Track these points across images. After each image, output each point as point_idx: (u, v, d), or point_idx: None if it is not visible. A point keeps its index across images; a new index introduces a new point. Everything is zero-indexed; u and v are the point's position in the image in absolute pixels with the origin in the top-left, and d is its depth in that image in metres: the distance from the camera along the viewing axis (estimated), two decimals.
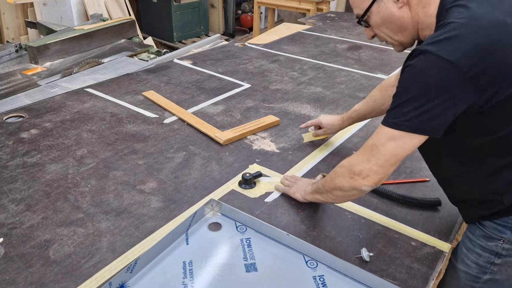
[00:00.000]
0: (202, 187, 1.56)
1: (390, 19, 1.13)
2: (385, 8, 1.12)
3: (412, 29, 1.14)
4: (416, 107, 1.00)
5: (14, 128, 1.95)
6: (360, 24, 1.21)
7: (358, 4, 1.17)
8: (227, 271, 1.18)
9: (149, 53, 3.69)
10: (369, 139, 1.13)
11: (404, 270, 1.21)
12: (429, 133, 1.03)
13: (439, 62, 0.96)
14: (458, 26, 0.97)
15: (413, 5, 1.10)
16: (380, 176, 1.11)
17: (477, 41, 0.95)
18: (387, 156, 1.08)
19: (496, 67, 0.96)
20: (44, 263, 1.19)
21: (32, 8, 5.40)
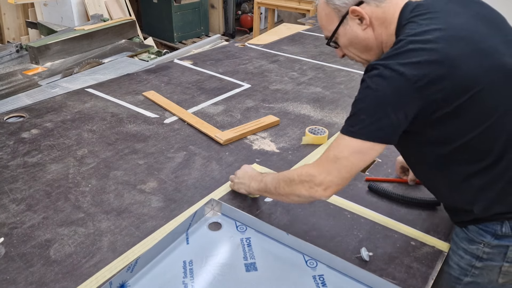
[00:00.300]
0: (202, 186, 1.56)
1: (356, 40, 1.20)
2: (351, 30, 1.19)
3: (377, 49, 1.21)
4: (369, 115, 1.05)
5: (15, 128, 1.95)
6: (330, 45, 1.28)
7: (326, 26, 1.24)
8: (227, 271, 1.18)
9: (150, 53, 3.70)
10: (329, 149, 1.13)
11: (403, 269, 1.21)
12: (385, 140, 1.07)
13: (390, 74, 1.02)
14: (408, 42, 1.04)
15: (376, 27, 1.17)
16: (339, 186, 1.13)
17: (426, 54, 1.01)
18: (348, 167, 1.10)
19: (445, 78, 1.00)
20: (45, 262, 1.20)
21: (32, 8, 5.41)
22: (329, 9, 1.21)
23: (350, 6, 1.16)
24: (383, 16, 1.16)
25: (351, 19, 1.18)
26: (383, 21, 1.16)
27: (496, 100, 1.05)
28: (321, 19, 1.25)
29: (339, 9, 1.18)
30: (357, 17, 1.16)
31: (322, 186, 1.12)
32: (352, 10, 1.16)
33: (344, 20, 1.19)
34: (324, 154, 1.14)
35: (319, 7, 1.25)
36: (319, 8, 1.25)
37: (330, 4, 1.19)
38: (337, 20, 1.20)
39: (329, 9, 1.21)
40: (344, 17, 1.19)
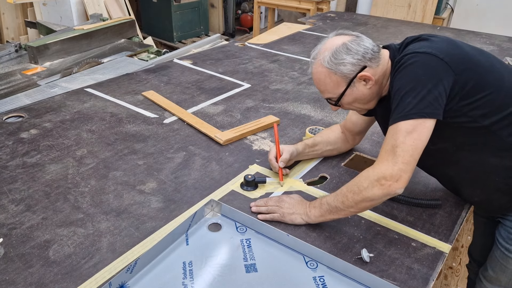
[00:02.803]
0: (202, 187, 1.56)
1: (361, 97, 1.35)
2: (357, 90, 1.33)
3: (378, 96, 1.37)
4: (414, 96, 1.15)
5: (13, 128, 1.94)
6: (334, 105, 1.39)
7: (331, 90, 1.35)
8: (227, 272, 1.17)
9: (149, 53, 3.69)
10: (385, 144, 1.19)
11: (404, 270, 1.21)
12: (434, 115, 1.15)
13: (421, 55, 1.18)
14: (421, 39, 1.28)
15: (379, 80, 1.33)
16: (409, 173, 1.16)
17: (440, 39, 1.25)
18: (410, 151, 1.14)
19: (459, 54, 1.21)
20: (44, 263, 1.19)
21: (31, 8, 5.40)
22: (335, 77, 1.32)
23: (357, 72, 1.30)
24: (382, 70, 1.33)
25: (357, 82, 1.31)
26: (383, 72, 1.33)
27: None
28: (325, 85, 1.35)
29: (346, 76, 1.31)
30: (362, 79, 1.31)
31: (393, 178, 1.15)
32: (360, 76, 1.30)
33: (351, 84, 1.32)
34: (382, 150, 1.20)
35: (320, 73, 1.33)
36: (320, 74, 1.33)
37: (337, 73, 1.30)
38: (345, 84, 1.32)
39: (336, 77, 1.31)
40: (351, 81, 1.31)
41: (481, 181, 1.33)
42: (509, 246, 1.38)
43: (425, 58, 1.17)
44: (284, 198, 1.39)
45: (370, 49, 1.31)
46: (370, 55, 1.30)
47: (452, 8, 5.62)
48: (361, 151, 1.82)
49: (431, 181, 1.62)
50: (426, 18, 5.05)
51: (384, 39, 3.63)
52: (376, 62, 1.31)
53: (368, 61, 1.30)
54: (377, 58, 1.31)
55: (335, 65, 1.29)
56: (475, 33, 3.87)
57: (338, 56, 1.29)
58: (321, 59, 1.32)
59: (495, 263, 1.45)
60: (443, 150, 1.30)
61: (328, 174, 1.64)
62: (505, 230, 1.39)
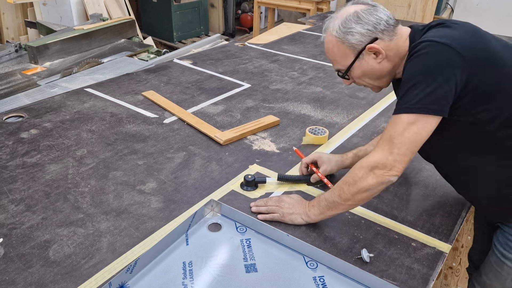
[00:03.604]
0: (202, 187, 1.56)
1: (371, 72, 1.29)
2: (366, 63, 1.27)
3: (389, 75, 1.30)
4: (422, 89, 1.09)
5: (13, 128, 1.94)
6: (343, 78, 1.35)
7: (339, 61, 1.31)
8: (227, 272, 1.17)
9: (149, 53, 3.69)
10: (384, 132, 1.16)
11: (404, 270, 1.20)
12: (439, 112, 1.10)
13: (437, 45, 1.10)
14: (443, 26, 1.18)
15: (390, 56, 1.26)
16: (403, 164, 1.14)
17: (464, 29, 1.15)
18: (407, 144, 1.12)
19: (482, 47, 1.12)
20: (44, 263, 1.19)
21: (31, 8, 5.40)
22: (343, 47, 1.27)
23: (366, 44, 1.24)
24: (396, 47, 1.25)
25: (367, 54, 1.25)
26: (397, 50, 1.25)
27: None
28: (334, 55, 1.30)
29: (355, 46, 1.25)
30: (372, 52, 1.24)
31: (386, 168, 1.14)
32: (369, 47, 1.24)
33: (359, 56, 1.26)
34: (381, 138, 1.17)
35: (329, 43, 1.30)
36: (329, 43, 1.30)
37: (345, 42, 1.25)
38: (353, 56, 1.27)
39: (344, 47, 1.27)
40: (360, 53, 1.26)
41: (477, 185, 1.30)
42: (506, 252, 1.34)
43: (441, 49, 1.09)
44: (284, 198, 1.39)
45: (384, 20, 1.23)
46: (383, 26, 1.22)
47: (452, 8, 5.62)
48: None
49: (431, 181, 1.62)
50: (426, 18, 5.05)
51: None
52: (389, 35, 1.23)
53: (380, 32, 1.22)
54: (392, 31, 1.23)
55: (343, 33, 1.24)
56: None
57: (347, 25, 1.23)
58: (331, 27, 1.28)
59: (490, 268, 1.42)
60: (443, 146, 1.26)
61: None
62: (504, 236, 1.35)
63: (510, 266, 1.35)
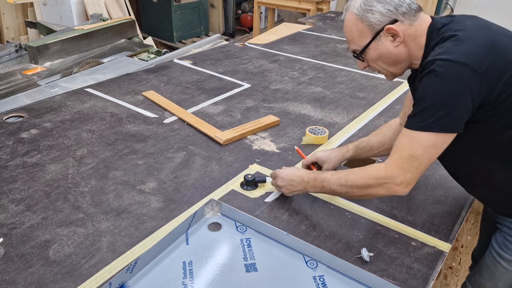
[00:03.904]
0: (202, 187, 1.56)
1: (387, 55, 1.25)
2: (383, 46, 1.23)
3: (405, 62, 1.27)
4: (439, 109, 1.09)
5: (14, 128, 1.94)
6: (357, 58, 1.31)
7: (356, 41, 1.26)
8: (227, 271, 1.17)
9: (149, 53, 3.69)
10: (402, 147, 1.16)
11: (404, 270, 1.20)
12: (456, 130, 1.11)
13: (453, 65, 1.07)
14: (459, 36, 1.12)
15: (408, 43, 1.22)
16: (416, 180, 1.18)
17: (479, 42, 1.10)
18: (425, 163, 1.15)
19: (499, 62, 1.08)
20: (44, 263, 1.19)
21: (32, 8, 5.40)
22: (362, 25, 1.23)
23: (385, 24, 1.20)
24: (415, 33, 1.21)
25: (384, 35, 1.22)
26: (415, 37, 1.21)
27: None
28: (351, 33, 1.27)
29: (373, 26, 1.22)
30: (390, 34, 1.21)
31: (403, 185, 1.17)
32: (387, 28, 1.20)
33: (377, 36, 1.23)
34: (397, 153, 1.17)
35: (348, 21, 1.26)
36: (348, 21, 1.27)
37: (364, 20, 1.22)
38: (370, 36, 1.23)
39: (362, 25, 1.23)
40: (378, 34, 1.22)
41: (487, 186, 1.30)
42: (502, 252, 1.34)
43: (457, 69, 1.06)
44: (279, 183, 1.44)
45: (407, 3, 1.20)
46: (405, 9, 1.19)
47: (452, 8, 5.62)
48: None
49: (431, 181, 1.62)
50: None
51: None
52: (410, 19, 1.20)
53: (401, 15, 1.19)
54: (413, 16, 1.20)
55: (363, 11, 1.21)
56: None
57: (369, 3, 1.20)
58: (353, 5, 1.24)
59: (484, 268, 1.42)
60: (456, 149, 1.24)
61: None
62: (501, 236, 1.35)
63: (505, 266, 1.34)
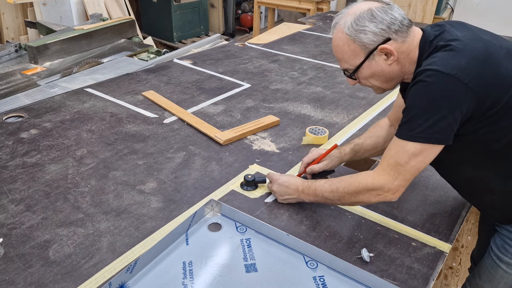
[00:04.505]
0: (202, 187, 1.56)
1: (380, 74, 1.24)
2: (376, 64, 1.22)
3: (398, 78, 1.26)
4: (426, 119, 1.09)
5: (13, 128, 1.94)
6: (349, 77, 1.29)
7: (348, 60, 1.24)
8: (227, 272, 1.17)
9: (149, 53, 3.69)
10: (388, 156, 1.18)
11: (404, 270, 1.20)
12: (443, 141, 1.12)
13: (443, 77, 1.06)
14: (452, 47, 1.11)
15: (401, 59, 1.21)
16: (405, 187, 1.20)
17: (471, 54, 1.09)
18: (411, 171, 1.16)
19: (491, 75, 1.08)
20: (44, 263, 1.19)
21: (31, 8, 5.39)
22: (354, 45, 1.20)
23: (379, 44, 1.18)
24: (408, 49, 1.20)
25: (378, 54, 1.20)
26: (408, 53, 1.21)
27: None
28: (343, 53, 1.24)
29: (366, 46, 1.19)
30: (383, 53, 1.19)
31: (391, 191, 1.19)
32: (381, 48, 1.18)
33: (370, 56, 1.21)
34: (385, 161, 1.19)
35: (339, 40, 1.23)
36: (339, 41, 1.23)
37: (356, 41, 1.19)
38: (363, 55, 1.21)
39: (355, 45, 1.20)
40: (371, 53, 1.20)
41: (480, 194, 1.31)
42: (501, 255, 1.34)
43: (447, 81, 1.06)
44: (274, 188, 1.46)
45: (399, 21, 1.17)
46: (397, 27, 1.17)
47: (452, 8, 5.62)
48: None
49: (431, 181, 1.62)
50: (426, 18, 5.05)
51: None
52: (402, 36, 1.18)
53: (394, 33, 1.17)
54: (405, 32, 1.18)
55: (355, 31, 1.18)
56: None
57: (360, 23, 1.17)
58: (343, 24, 1.21)
59: (484, 270, 1.41)
60: (448, 159, 1.25)
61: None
62: (501, 239, 1.35)
63: (504, 269, 1.34)
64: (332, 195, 1.30)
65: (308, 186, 1.38)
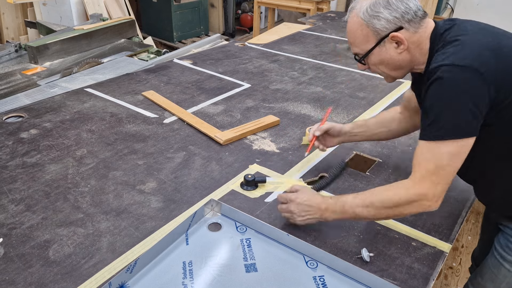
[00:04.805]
0: (202, 187, 1.56)
1: (389, 61, 1.25)
2: (386, 52, 1.23)
3: (407, 67, 1.27)
4: (451, 115, 1.09)
5: (13, 128, 1.94)
6: (359, 62, 1.30)
7: (359, 44, 1.26)
8: (227, 272, 1.17)
9: (149, 53, 3.69)
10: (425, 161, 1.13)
11: (404, 270, 1.20)
12: (472, 134, 1.10)
13: (458, 70, 1.07)
14: (462, 41, 1.13)
15: (411, 49, 1.22)
16: (446, 191, 1.15)
17: (482, 45, 1.11)
18: (452, 171, 1.13)
19: (505, 65, 1.09)
20: (44, 263, 1.19)
21: (31, 8, 5.39)
22: (367, 30, 1.22)
23: (391, 31, 1.19)
24: (418, 40, 1.21)
25: (389, 42, 1.21)
26: (418, 44, 1.22)
27: None
28: (355, 37, 1.25)
29: (378, 32, 1.21)
30: (394, 41, 1.20)
31: (434, 199, 1.14)
32: (392, 35, 1.19)
33: (381, 42, 1.22)
34: (422, 167, 1.13)
35: (353, 24, 1.25)
36: (353, 24, 1.25)
37: (369, 25, 1.21)
38: (374, 41, 1.22)
39: (367, 30, 1.22)
40: (382, 40, 1.21)
41: (490, 188, 1.30)
42: (505, 254, 1.33)
43: (464, 73, 1.07)
44: (292, 208, 1.30)
45: (413, 11, 1.19)
46: (411, 16, 1.19)
47: (452, 7, 5.62)
48: (361, 151, 1.82)
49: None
50: None
51: None
52: (415, 26, 1.20)
53: (406, 22, 1.19)
54: (418, 23, 1.20)
55: (369, 16, 1.20)
56: None
57: (375, 8, 1.19)
58: (358, 8, 1.23)
59: (486, 270, 1.41)
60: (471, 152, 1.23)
61: (327, 174, 1.64)
62: (505, 238, 1.34)
63: (508, 268, 1.33)
64: (367, 211, 1.19)
65: (334, 203, 1.25)
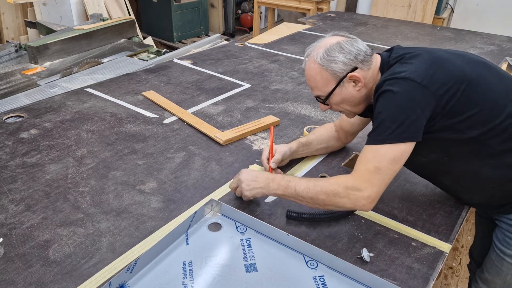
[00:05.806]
0: (202, 187, 1.56)
1: (350, 98, 1.36)
2: (346, 91, 1.35)
3: (366, 101, 1.39)
4: (393, 121, 1.19)
5: (13, 128, 1.94)
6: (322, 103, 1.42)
7: (320, 88, 1.37)
8: (227, 272, 1.17)
9: (149, 53, 3.69)
10: (366, 161, 1.22)
11: (404, 270, 1.20)
12: (413, 139, 1.20)
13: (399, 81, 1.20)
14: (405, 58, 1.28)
15: (368, 85, 1.35)
16: (380, 194, 1.22)
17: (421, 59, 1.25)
18: (390, 174, 1.21)
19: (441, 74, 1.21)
20: (44, 263, 1.19)
21: (31, 8, 5.40)
22: (326, 74, 1.34)
23: (348, 72, 1.32)
24: (372, 76, 1.35)
25: (347, 82, 1.33)
26: (372, 79, 1.35)
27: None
28: (316, 81, 1.37)
29: (337, 74, 1.33)
30: (352, 80, 1.33)
31: (369, 199, 1.20)
32: (350, 75, 1.32)
33: (340, 83, 1.34)
34: (363, 166, 1.22)
35: (312, 69, 1.36)
36: (312, 70, 1.36)
37: (328, 69, 1.33)
38: (334, 83, 1.34)
39: (327, 74, 1.34)
40: (341, 81, 1.33)
41: (477, 188, 1.35)
42: (504, 249, 1.39)
43: (405, 85, 1.19)
44: (241, 177, 1.39)
45: (363, 51, 1.33)
46: (362, 57, 1.32)
47: (452, 8, 5.62)
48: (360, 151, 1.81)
49: None
50: (426, 18, 5.05)
51: (384, 39, 3.63)
52: (367, 65, 1.33)
53: (360, 62, 1.32)
54: (369, 61, 1.34)
55: (327, 61, 1.32)
56: (475, 33, 3.87)
57: (331, 54, 1.32)
58: (315, 55, 1.35)
59: (491, 265, 1.46)
60: (436, 161, 1.32)
61: (328, 174, 1.64)
62: (501, 233, 1.40)
63: (509, 262, 1.39)
64: (306, 192, 1.27)
65: (281, 177, 1.34)
